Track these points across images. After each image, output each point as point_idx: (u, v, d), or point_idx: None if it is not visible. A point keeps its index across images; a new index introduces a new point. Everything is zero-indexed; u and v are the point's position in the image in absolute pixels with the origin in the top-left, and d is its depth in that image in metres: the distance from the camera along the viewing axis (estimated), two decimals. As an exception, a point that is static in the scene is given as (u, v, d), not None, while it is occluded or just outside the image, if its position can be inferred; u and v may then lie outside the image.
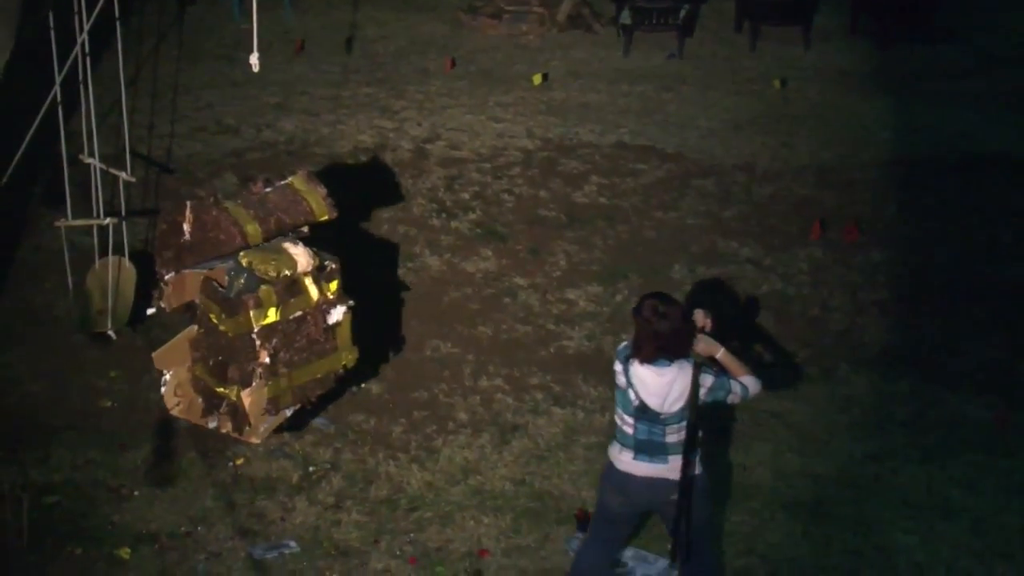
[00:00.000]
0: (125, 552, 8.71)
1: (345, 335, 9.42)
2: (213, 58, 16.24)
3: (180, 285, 9.43)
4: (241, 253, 9.08)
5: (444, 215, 12.77)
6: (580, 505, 8.99)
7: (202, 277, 9.16)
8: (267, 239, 9.32)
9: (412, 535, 8.95)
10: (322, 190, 9.61)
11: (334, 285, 9.28)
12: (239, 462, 9.58)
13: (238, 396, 9.12)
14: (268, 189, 9.58)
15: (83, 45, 10.15)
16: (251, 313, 8.93)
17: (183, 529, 8.96)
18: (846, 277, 11.96)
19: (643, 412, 7.53)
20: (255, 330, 8.95)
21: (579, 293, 11.63)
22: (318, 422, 10.00)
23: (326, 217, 9.58)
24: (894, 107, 15.34)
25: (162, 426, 9.87)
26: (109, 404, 10.22)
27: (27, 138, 9.67)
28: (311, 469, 9.55)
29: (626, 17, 17.07)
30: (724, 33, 17.55)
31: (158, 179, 12.99)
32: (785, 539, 8.93)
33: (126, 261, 10.83)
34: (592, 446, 9.64)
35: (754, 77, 16.26)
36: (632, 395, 7.53)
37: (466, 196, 13.12)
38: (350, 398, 10.30)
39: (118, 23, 10.52)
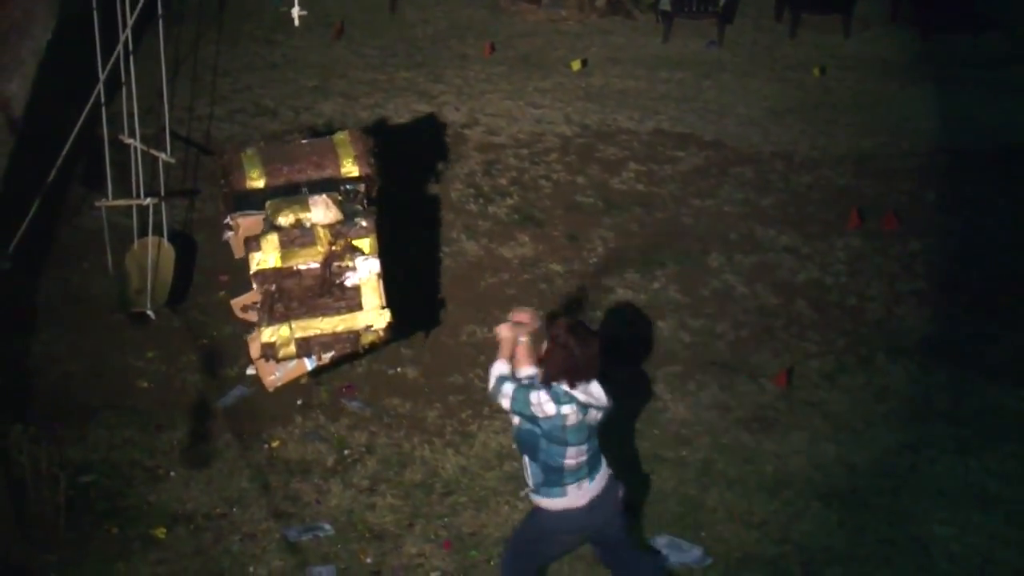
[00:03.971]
0: (161, 532, 8.76)
1: (371, 296, 9.27)
2: (252, 40, 16.25)
3: (239, 229, 9.65)
4: (268, 202, 9.14)
5: (481, 200, 12.76)
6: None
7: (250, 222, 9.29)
8: (275, 188, 9.34)
9: (446, 519, 8.97)
10: (361, 147, 9.57)
11: (364, 243, 9.20)
12: (274, 444, 9.61)
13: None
14: (304, 141, 9.62)
15: (126, 27, 10.19)
16: (251, 256, 9.02)
17: (218, 510, 9.00)
18: (884, 266, 11.91)
19: (595, 428, 7.50)
20: (251, 272, 9.07)
21: (616, 280, 11.60)
22: (354, 405, 10.03)
23: (355, 174, 9.52)
24: (934, 96, 15.24)
25: (198, 407, 9.93)
26: (146, 384, 10.26)
27: (79, 121, 9.70)
28: (346, 452, 9.58)
29: (666, 3, 16.99)
30: (764, 21, 17.46)
31: (197, 160, 13.01)
32: (820, 528, 8.91)
33: (165, 241, 10.88)
34: (626, 432, 9.63)
35: (793, 65, 16.17)
36: (591, 416, 7.40)
37: (504, 181, 13.11)
38: (386, 381, 10.32)
39: (160, 5, 10.56)
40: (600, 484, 7.53)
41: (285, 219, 9.18)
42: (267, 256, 9.11)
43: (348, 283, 9.20)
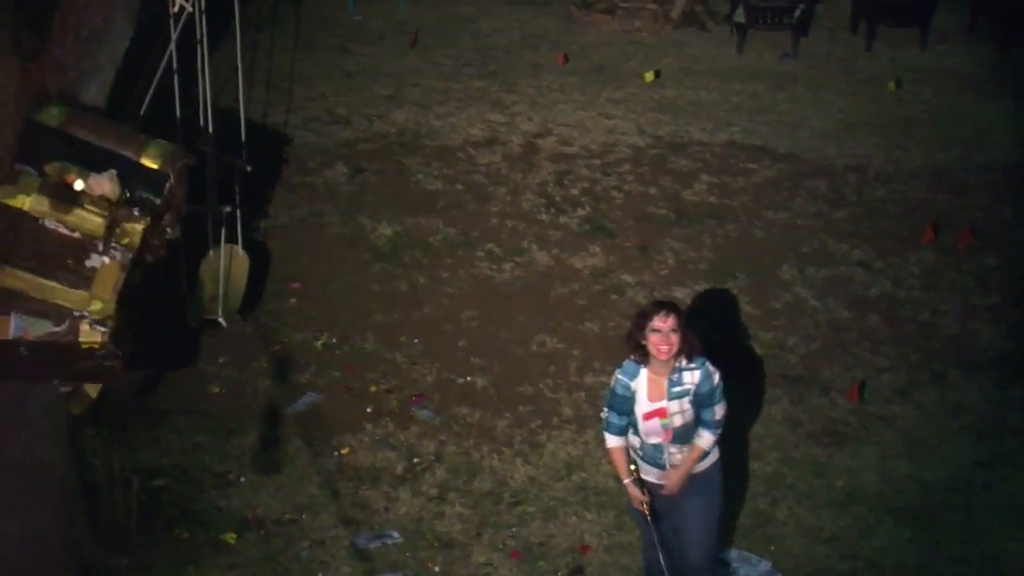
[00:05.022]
0: (231, 537, 8.80)
1: (104, 285, 8.14)
2: (327, 49, 16.35)
3: None
4: (57, 162, 8.28)
5: (553, 210, 12.76)
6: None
7: None
8: (66, 137, 8.27)
9: (514, 529, 8.97)
10: (174, 159, 8.52)
11: (128, 232, 8.24)
12: (344, 452, 9.64)
13: None
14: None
15: (201, 30, 10.25)
16: (5, 186, 8.16)
17: (288, 516, 9.04)
18: (958, 281, 11.80)
19: None
20: None
21: (687, 292, 11.57)
22: (423, 414, 10.05)
23: (154, 167, 8.38)
24: (1011, 110, 15.10)
25: (269, 413, 9.98)
26: (218, 390, 10.33)
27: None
28: (415, 460, 9.60)
29: (740, 15, 16.95)
30: (839, 33, 17.38)
31: (272, 168, 13.11)
32: (891, 544, 8.83)
33: (239, 249, 10.93)
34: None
35: (869, 78, 16.08)
36: None
37: (575, 192, 13.10)
38: (456, 390, 10.34)
39: (236, 13, 10.63)
40: None
41: (52, 171, 8.23)
42: (18, 196, 8.13)
43: (87, 262, 8.18)
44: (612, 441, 7.73)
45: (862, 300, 11.52)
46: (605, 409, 7.73)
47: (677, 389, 7.56)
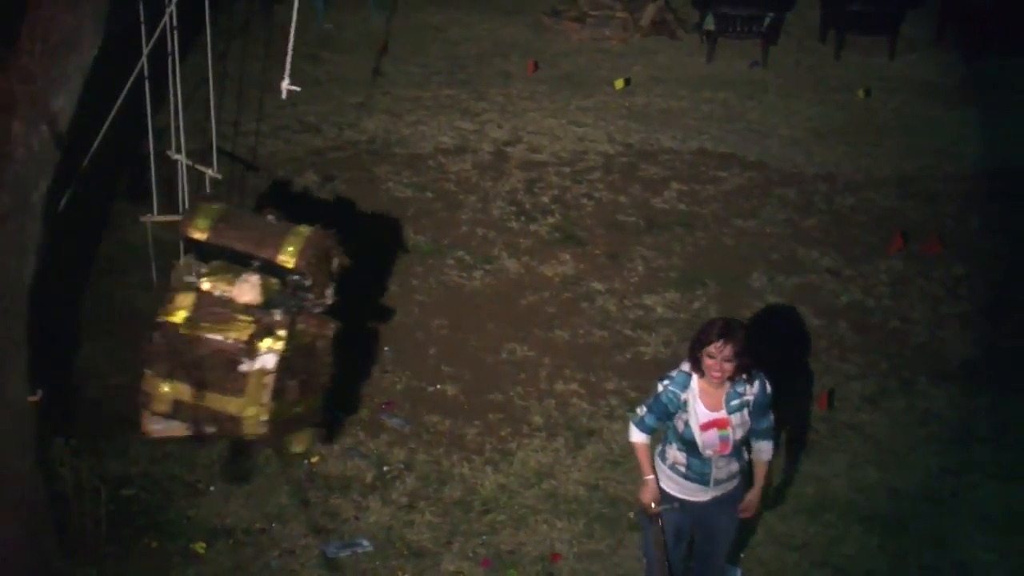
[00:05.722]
0: (200, 547, 8.77)
1: (256, 389, 8.69)
2: (297, 57, 16.27)
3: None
4: (213, 262, 8.87)
5: (523, 218, 12.78)
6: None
7: None
8: (214, 245, 8.89)
9: (485, 537, 8.96)
10: (312, 244, 8.88)
11: (270, 337, 8.66)
12: (314, 460, 9.62)
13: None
14: (271, 218, 9.28)
15: (172, 40, 10.23)
16: (166, 304, 8.71)
17: (258, 525, 9.02)
18: (927, 289, 11.86)
19: None
20: (156, 319, 8.70)
21: (657, 299, 11.59)
22: (393, 422, 10.04)
23: (289, 265, 8.81)
24: (979, 119, 15.18)
25: (239, 422, 9.93)
26: (188, 399, 10.28)
27: (102, 130, 9.70)
28: (385, 469, 9.58)
29: (710, 23, 16.99)
30: (808, 42, 17.44)
31: (243, 177, 13.08)
32: (860, 552, 8.86)
33: (207, 258, 10.90)
34: (667, 453, 9.61)
35: (838, 86, 16.14)
36: None
37: (545, 200, 13.12)
38: (426, 398, 10.33)
39: (207, 22, 10.61)
40: None
41: (210, 285, 8.77)
42: (177, 313, 8.70)
43: (240, 368, 8.69)
44: (639, 436, 7.67)
45: (831, 308, 11.57)
46: (642, 408, 7.64)
47: (735, 402, 7.50)
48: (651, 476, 7.69)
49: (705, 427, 7.49)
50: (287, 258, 8.76)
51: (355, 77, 15.82)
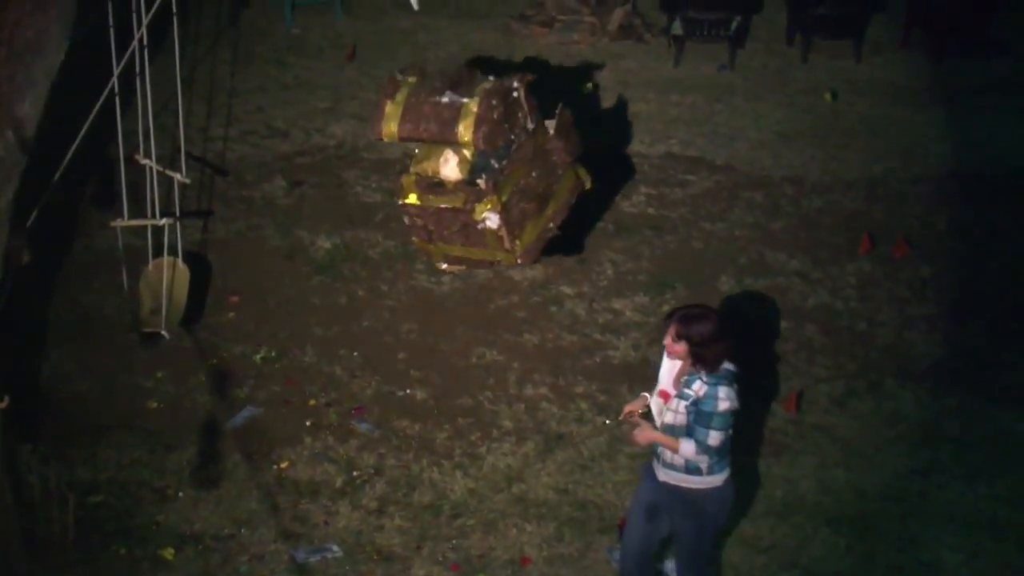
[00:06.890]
0: (169, 553, 8.77)
1: (495, 243, 10.59)
2: (264, 62, 16.30)
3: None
4: (417, 148, 10.70)
5: (492, 222, 12.76)
6: (622, 515, 8.97)
7: None
8: (403, 137, 10.56)
9: (455, 542, 8.97)
10: (487, 114, 10.33)
11: (480, 206, 10.31)
12: (283, 465, 9.62)
13: None
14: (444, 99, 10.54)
15: (141, 45, 10.21)
16: (397, 191, 10.80)
17: (227, 531, 9.01)
18: (894, 291, 11.90)
19: None
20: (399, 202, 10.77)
21: (625, 303, 11.61)
22: (363, 427, 10.04)
23: (467, 139, 10.24)
24: (945, 121, 15.23)
25: (207, 428, 9.94)
26: (156, 405, 10.28)
27: (76, 141, 9.72)
28: (355, 474, 9.58)
29: (677, 28, 17.00)
30: (775, 45, 17.46)
31: (211, 181, 13.06)
32: (829, 553, 8.90)
33: (180, 262, 10.91)
34: (636, 456, 9.60)
35: (805, 89, 16.18)
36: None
37: (514, 204, 13.11)
38: (395, 403, 10.33)
39: (175, 26, 10.59)
40: None
41: (415, 165, 10.63)
42: (409, 196, 10.55)
43: (477, 227, 10.48)
44: None
45: (799, 310, 11.60)
46: None
47: (686, 390, 7.60)
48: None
49: (658, 394, 7.79)
50: (466, 136, 10.24)
51: (323, 82, 15.79)
